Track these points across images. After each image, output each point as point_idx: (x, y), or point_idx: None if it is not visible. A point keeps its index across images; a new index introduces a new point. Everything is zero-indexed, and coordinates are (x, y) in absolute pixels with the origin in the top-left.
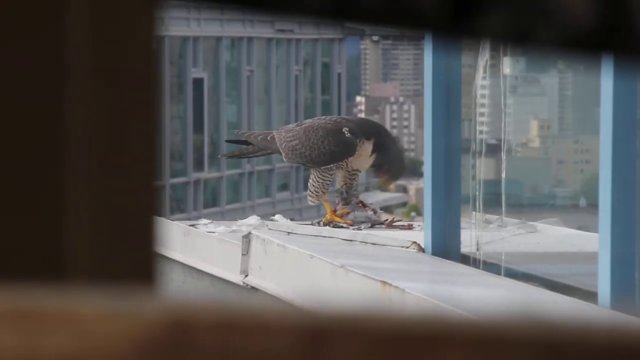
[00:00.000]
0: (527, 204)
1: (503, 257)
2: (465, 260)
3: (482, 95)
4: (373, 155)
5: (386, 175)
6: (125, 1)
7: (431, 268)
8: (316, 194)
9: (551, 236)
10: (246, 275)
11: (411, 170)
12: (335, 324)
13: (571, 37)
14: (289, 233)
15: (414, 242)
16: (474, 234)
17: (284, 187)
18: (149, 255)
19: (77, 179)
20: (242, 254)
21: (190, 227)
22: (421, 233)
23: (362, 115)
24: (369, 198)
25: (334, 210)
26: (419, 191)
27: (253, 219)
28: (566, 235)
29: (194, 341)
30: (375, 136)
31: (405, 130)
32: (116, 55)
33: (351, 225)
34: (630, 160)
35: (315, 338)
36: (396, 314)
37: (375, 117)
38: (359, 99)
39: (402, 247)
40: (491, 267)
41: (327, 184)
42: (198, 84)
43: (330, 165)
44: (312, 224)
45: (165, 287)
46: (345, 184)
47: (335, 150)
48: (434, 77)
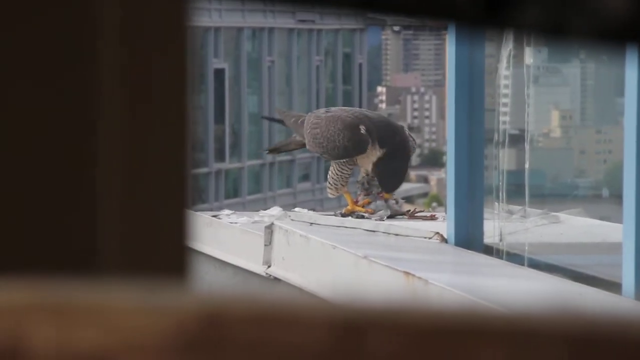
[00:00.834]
0: (549, 195)
1: (526, 248)
2: (489, 251)
3: (505, 86)
4: (374, 164)
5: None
6: None
7: (454, 259)
8: (335, 186)
9: (574, 227)
10: (269, 266)
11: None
12: (369, 317)
13: (606, 27)
14: (311, 224)
15: (437, 233)
16: (497, 224)
17: (305, 178)
18: (181, 248)
19: (109, 172)
20: (265, 245)
21: (213, 218)
22: (444, 224)
23: (383, 105)
24: None
25: (355, 201)
26: (440, 181)
27: (275, 210)
28: (589, 226)
29: (227, 335)
30: (388, 146)
31: (427, 121)
32: (147, 46)
33: (372, 213)
34: None
35: (348, 331)
36: (428, 307)
37: (396, 108)
38: (380, 89)
39: (425, 238)
40: (514, 258)
41: (346, 177)
42: (219, 74)
43: (344, 160)
44: (335, 215)
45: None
46: (368, 175)
47: (348, 146)
48: (457, 67)
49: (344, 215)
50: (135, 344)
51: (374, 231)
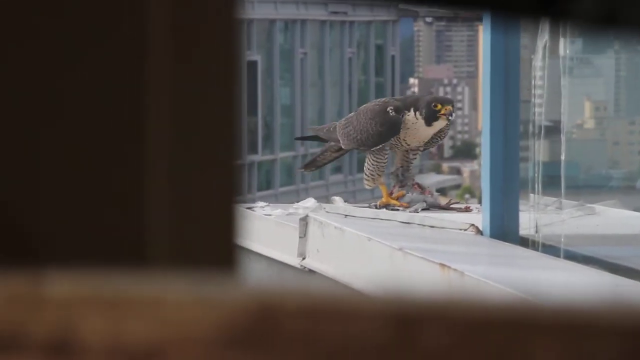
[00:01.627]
0: (584, 186)
1: (562, 240)
2: (524, 242)
3: (540, 77)
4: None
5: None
6: None
7: (490, 250)
8: (372, 177)
9: (610, 218)
10: (304, 258)
11: (465, 152)
12: (421, 309)
13: None
14: (346, 216)
15: (472, 225)
16: (533, 216)
17: (338, 170)
18: (230, 240)
19: (157, 165)
20: (300, 237)
21: (247, 210)
22: (478, 215)
23: None
24: (424, 180)
25: (390, 193)
26: (472, 173)
27: (310, 202)
28: (625, 217)
29: (278, 327)
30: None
31: (459, 112)
32: (196, 35)
33: (407, 207)
34: None
35: (401, 324)
36: (479, 300)
37: None
38: (412, 80)
39: (460, 230)
40: (550, 250)
41: (382, 166)
42: (252, 66)
43: (381, 145)
44: (370, 207)
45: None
46: (402, 166)
47: (382, 130)
48: (493, 58)
49: (378, 207)
50: (185, 336)
51: (409, 223)
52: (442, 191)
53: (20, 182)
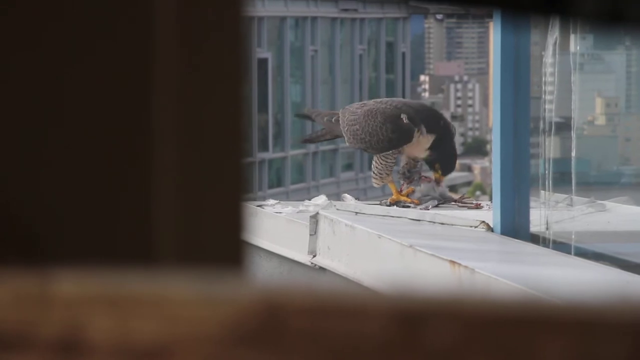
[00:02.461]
0: (594, 182)
1: (573, 237)
2: (535, 239)
3: (551, 73)
4: (429, 150)
5: (437, 173)
6: None
7: (500, 247)
8: (380, 176)
9: (621, 215)
10: (314, 256)
11: (475, 149)
12: (428, 307)
13: None
14: (356, 213)
15: (483, 222)
16: (543, 213)
17: (349, 167)
18: (237, 239)
19: (165, 163)
20: (310, 234)
21: (258, 208)
22: (489, 212)
23: (426, 94)
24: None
25: (400, 190)
26: (483, 170)
27: (320, 199)
28: (637, 214)
29: (286, 325)
30: (436, 131)
31: (470, 109)
32: (203, 35)
33: (418, 204)
34: None
35: (407, 321)
36: (487, 297)
37: (440, 96)
38: (423, 78)
39: (471, 227)
40: (561, 247)
41: (391, 166)
42: (262, 63)
43: (389, 152)
44: (380, 204)
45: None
46: (407, 164)
47: (393, 137)
48: (503, 55)
49: (389, 204)
50: (193, 335)
51: (419, 220)
52: (453, 188)
53: (28, 183)
